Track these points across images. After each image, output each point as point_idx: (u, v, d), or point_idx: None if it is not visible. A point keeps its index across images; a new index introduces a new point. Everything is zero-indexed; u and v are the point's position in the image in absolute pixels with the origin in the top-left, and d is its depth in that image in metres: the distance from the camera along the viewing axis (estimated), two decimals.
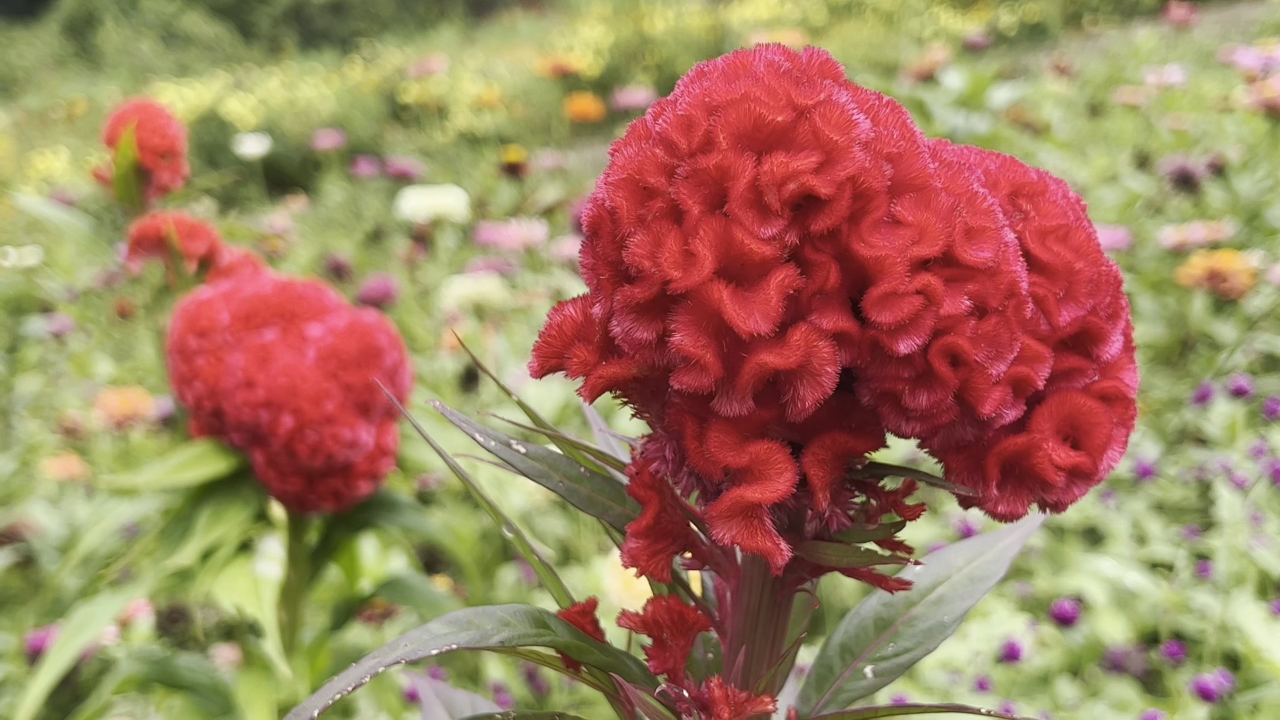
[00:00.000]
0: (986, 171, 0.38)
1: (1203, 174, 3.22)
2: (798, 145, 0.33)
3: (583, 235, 0.37)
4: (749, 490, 0.34)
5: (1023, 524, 0.49)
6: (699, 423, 0.35)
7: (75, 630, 1.02)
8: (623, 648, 0.46)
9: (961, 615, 0.46)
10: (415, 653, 0.39)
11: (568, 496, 0.41)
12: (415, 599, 1.13)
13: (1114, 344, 0.37)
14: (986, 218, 0.34)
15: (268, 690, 0.98)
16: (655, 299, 0.34)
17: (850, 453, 0.36)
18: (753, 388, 0.34)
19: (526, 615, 0.41)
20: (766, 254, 0.33)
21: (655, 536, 0.39)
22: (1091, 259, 0.37)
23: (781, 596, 0.42)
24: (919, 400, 0.34)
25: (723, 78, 0.35)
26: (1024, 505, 0.37)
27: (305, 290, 1.01)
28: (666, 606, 0.41)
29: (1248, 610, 1.71)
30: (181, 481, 0.96)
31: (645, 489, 0.39)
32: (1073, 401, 0.37)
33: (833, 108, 0.33)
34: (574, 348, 0.37)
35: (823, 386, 0.33)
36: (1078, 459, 0.36)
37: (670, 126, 0.34)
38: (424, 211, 2.94)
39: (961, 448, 0.37)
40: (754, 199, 0.33)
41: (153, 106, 1.25)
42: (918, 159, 0.34)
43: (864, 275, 0.34)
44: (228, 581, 0.94)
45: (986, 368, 0.34)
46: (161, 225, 1.15)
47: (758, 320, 0.32)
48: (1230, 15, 7.75)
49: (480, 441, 0.42)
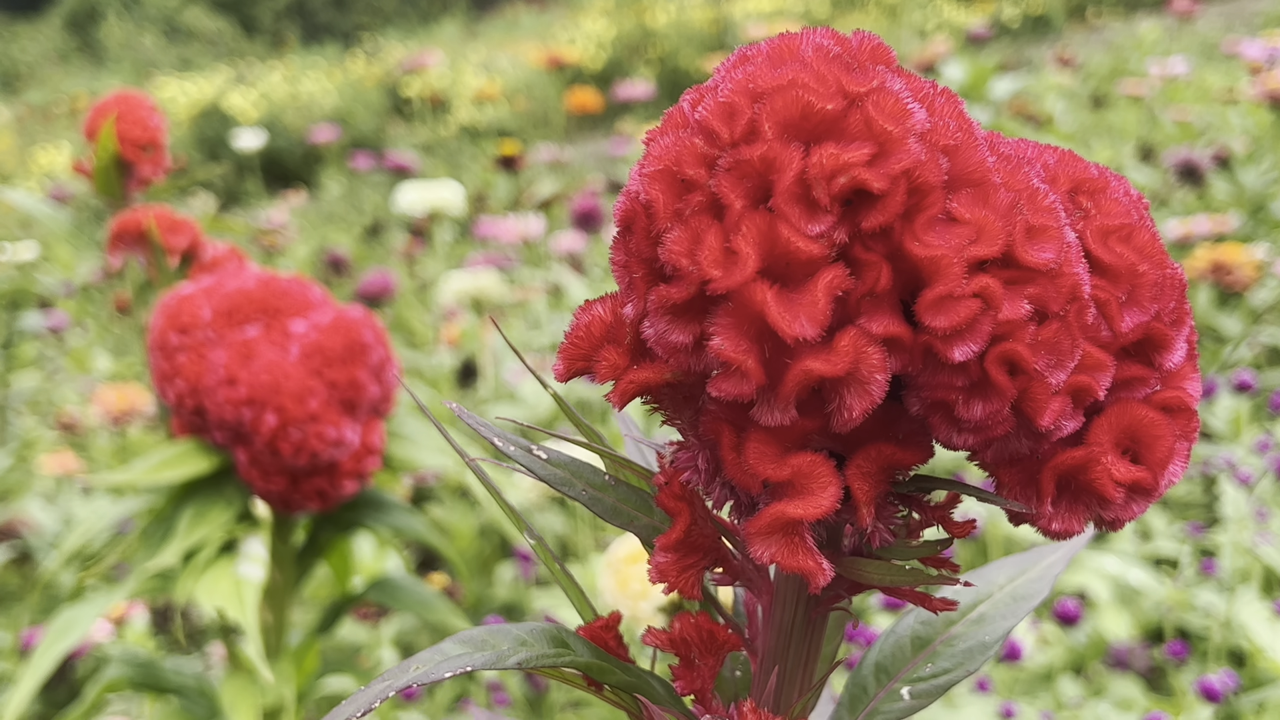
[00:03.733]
0: (1045, 166, 0.35)
1: (1207, 166, 3.19)
2: (849, 136, 0.31)
3: (614, 230, 0.35)
4: (790, 505, 0.32)
5: (1070, 541, 0.46)
6: (737, 432, 0.33)
7: (59, 633, 0.99)
8: (647, 664, 0.43)
9: (1004, 635, 0.44)
10: (428, 675, 0.37)
11: (591, 505, 0.39)
12: (405, 600, 1.11)
13: (1178, 352, 0.35)
14: (1048, 216, 0.32)
15: (253, 694, 0.96)
16: (693, 299, 0.31)
17: (897, 465, 0.34)
18: (796, 396, 0.31)
19: (544, 634, 0.39)
20: (814, 253, 0.30)
21: (685, 551, 0.37)
22: (1156, 261, 0.34)
23: (816, 614, 0.40)
24: (973, 411, 0.32)
25: (768, 62, 0.32)
26: (1080, 522, 0.35)
27: (289, 285, 0.98)
28: (695, 624, 0.38)
29: (1252, 609, 1.69)
30: (163, 481, 0.94)
31: (675, 500, 0.36)
32: (1133, 413, 0.34)
33: (887, 96, 0.31)
34: (603, 350, 0.34)
35: (871, 395, 0.31)
36: (1138, 474, 0.34)
37: (711, 114, 0.31)
38: (420, 206, 2.92)
39: (1015, 461, 0.34)
40: (801, 193, 0.30)
41: (134, 98, 1.21)
42: (975, 152, 0.32)
43: (917, 276, 0.31)
44: (210, 584, 0.92)
45: (1046, 376, 0.32)
46: (142, 219, 1.12)
47: (804, 324, 0.30)
48: (1234, 7, 7.73)
49: (500, 447, 0.40)
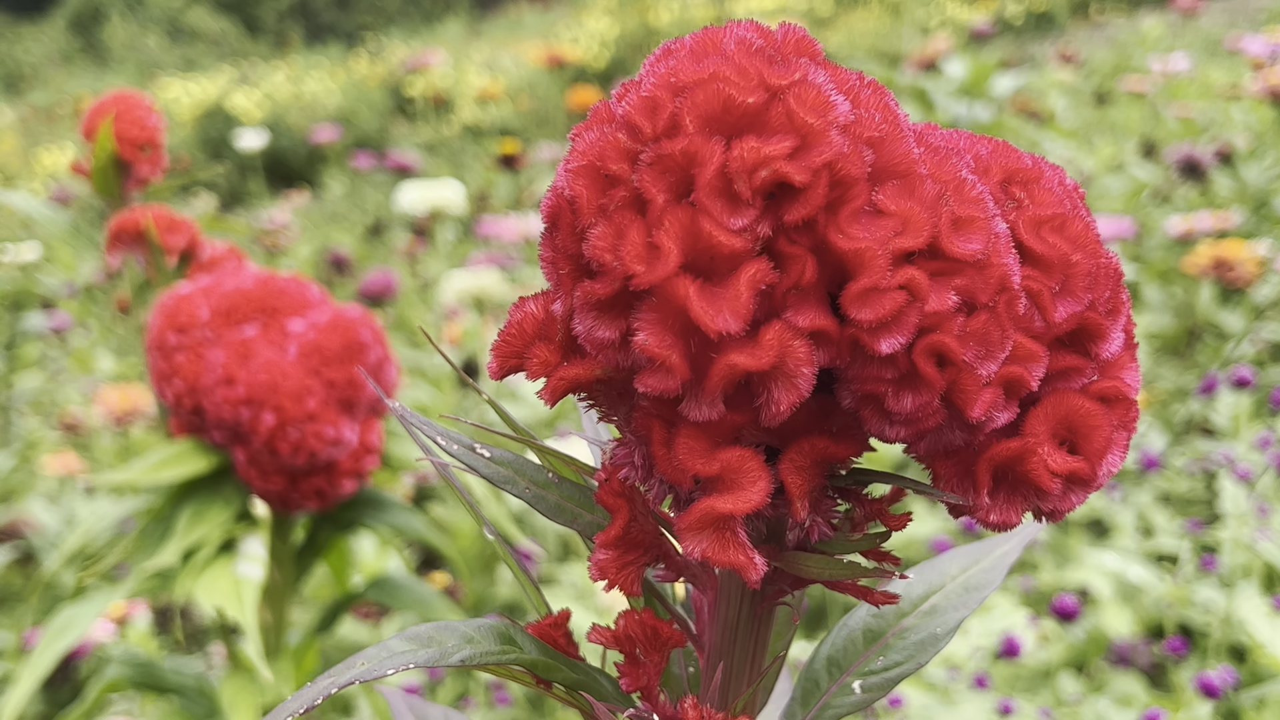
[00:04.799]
0: (977, 157, 0.35)
1: (1210, 162, 3.18)
2: (770, 129, 0.31)
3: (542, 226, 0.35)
4: (720, 500, 0.32)
5: (1022, 530, 0.46)
6: (667, 427, 0.33)
7: (57, 633, 1.00)
8: (599, 662, 0.43)
9: (955, 627, 0.43)
10: (371, 672, 0.37)
11: (535, 504, 0.39)
12: (405, 599, 1.11)
13: (1114, 341, 0.35)
14: (975, 206, 0.32)
15: (252, 694, 0.96)
16: (617, 295, 0.31)
17: (831, 458, 0.34)
18: (723, 391, 0.31)
19: (492, 631, 0.39)
20: (737, 246, 0.30)
21: (625, 547, 0.37)
22: (1090, 250, 0.34)
23: (762, 609, 0.40)
24: (903, 403, 0.32)
25: (690, 56, 0.32)
26: (1018, 514, 0.35)
27: (287, 285, 0.98)
28: (639, 621, 0.38)
29: (1252, 604, 1.68)
30: (161, 480, 0.94)
31: (614, 496, 0.36)
32: (1070, 403, 0.34)
33: (809, 88, 0.31)
34: (534, 347, 0.34)
35: (799, 389, 0.31)
36: (1075, 464, 0.34)
37: (634, 109, 0.31)
38: (421, 205, 2.92)
39: (950, 453, 0.34)
40: (723, 187, 0.30)
41: (132, 98, 1.22)
42: (901, 143, 0.32)
43: (843, 269, 0.31)
44: (209, 583, 0.92)
45: (976, 368, 0.32)
46: (140, 219, 1.13)
47: (727, 318, 0.30)
48: (1238, 3, 7.69)
49: (442, 445, 0.40)
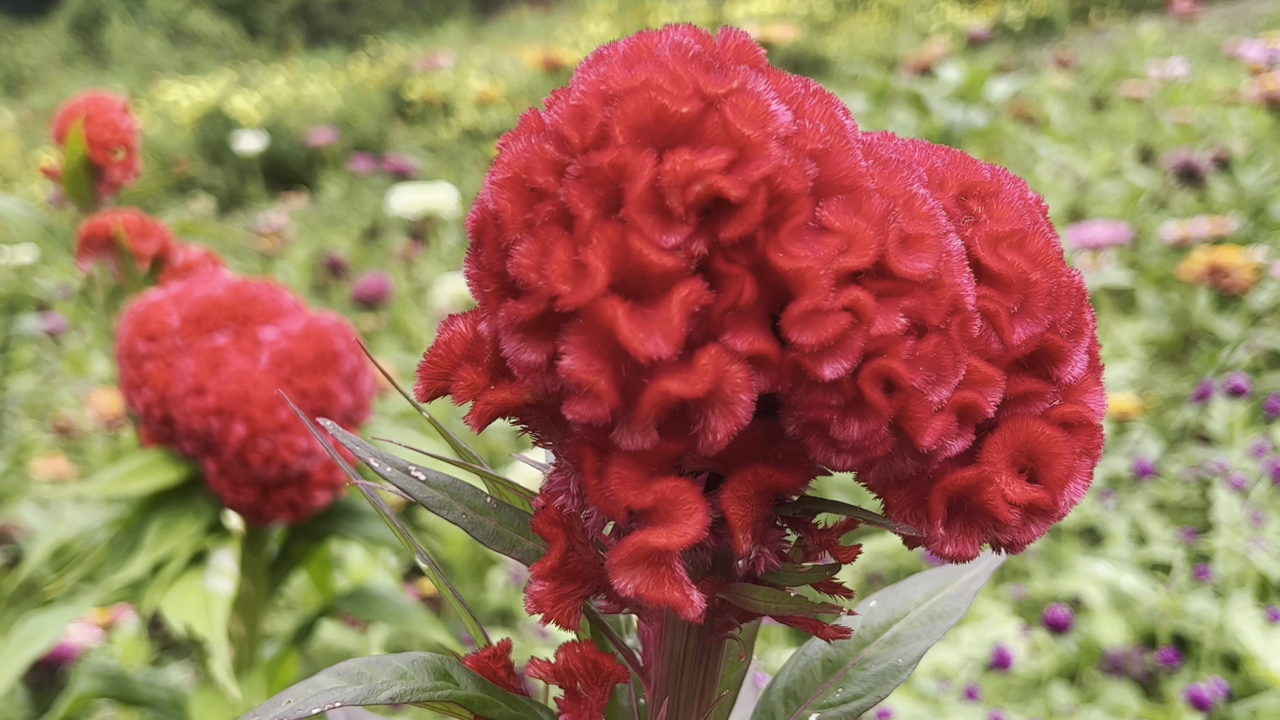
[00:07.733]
0: (932, 169, 0.33)
1: (1207, 168, 3.16)
2: (705, 141, 0.29)
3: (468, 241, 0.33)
4: (654, 534, 0.30)
5: (989, 557, 0.44)
6: (599, 456, 0.31)
7: (24, 641, 0.98)
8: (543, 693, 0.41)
9: (918, 657, 0.42)
10: (296, 711, 0.35)
11: (471, 530, 0.37)
12: (382, 611, 1.09)
13: (1076, 364, 0.33)
14: (926, 223, 0.30)
15: (222, 709, 0.94)
16: (543, 316, 0.29)
17: (776, 487, 0.32)
18: (655, 418, 0.29)
19: (426, 666, 0.37)
20: (669, 265, 0.28)
21: (563, 578, 0.35)
22: (1050, 269, 0.32)
23: (710, 642, 0.38)
24: (849, 431, 0.30)
25: (622, 62, 0.30)
26: (974, 546, 0.33)
27: (259, 291, 0.96)
28: (580, 654, 0.36)
29: (1245, 615, 1.66)
30: (130, 491, 0.92)
31: (550, 525, 0.35)
32: (1029, 429, 0.32)
33: (747, 97, 0.29)
34: (461, 369, 0.32)
35: (737, 416, 0.29)
36: (1035, 494, 0.32)
37: (562, 118, 0.30)
38: (414, 208, 2.91)
39: (902, 482, 0.32)
40: (654, 202, 0.28)
41: (104, 99, 1.20)
42: (847, 156, 0.30)
43: (784, 290, 0.29)
44: (176, 598, 0.90)
45: (926, 394, 0.30)
46: (110, 224, 1.11)
47: (658, 342, 0.28)
48: (1236, 9, 7.68)
49: (375, 468, 0.38)
